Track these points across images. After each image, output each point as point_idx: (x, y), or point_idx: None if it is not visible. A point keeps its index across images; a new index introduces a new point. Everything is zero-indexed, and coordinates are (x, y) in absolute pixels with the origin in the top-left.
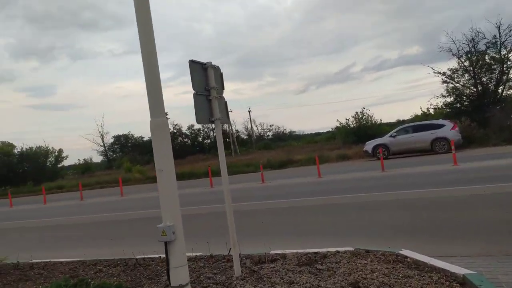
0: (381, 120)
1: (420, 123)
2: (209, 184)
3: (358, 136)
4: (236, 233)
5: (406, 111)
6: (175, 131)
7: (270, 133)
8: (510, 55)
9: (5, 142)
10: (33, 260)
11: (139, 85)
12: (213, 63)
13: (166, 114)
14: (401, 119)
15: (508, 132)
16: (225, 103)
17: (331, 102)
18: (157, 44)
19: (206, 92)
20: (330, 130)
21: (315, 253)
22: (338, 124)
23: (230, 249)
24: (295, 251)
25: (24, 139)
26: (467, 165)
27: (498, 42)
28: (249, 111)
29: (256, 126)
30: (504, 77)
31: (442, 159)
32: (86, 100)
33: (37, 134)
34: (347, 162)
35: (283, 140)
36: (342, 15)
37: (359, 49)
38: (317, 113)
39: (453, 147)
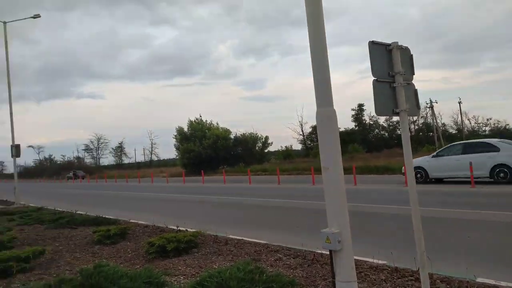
0: None
1: None
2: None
3: None
4: (425, 247)
5: None
6: (371, 122)
7: (487, 128)
8: None
9: (224, 128)
10: (229, 236)
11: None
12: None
13: (362, 105)
14: None
15: None
16: (415, 91)
17: None
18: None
19: (389, 79)
20: None
21: None
22: None
23: (419, 268)
24: None
25: (238, 126)
26: None
27: None
28: (460, 102)
29: (468, 119)
30: None
31: None
32: (291, 92)
33: (248, 122)
34: None
35: (506, 137)
36: None
37: None
38: None
39: None
